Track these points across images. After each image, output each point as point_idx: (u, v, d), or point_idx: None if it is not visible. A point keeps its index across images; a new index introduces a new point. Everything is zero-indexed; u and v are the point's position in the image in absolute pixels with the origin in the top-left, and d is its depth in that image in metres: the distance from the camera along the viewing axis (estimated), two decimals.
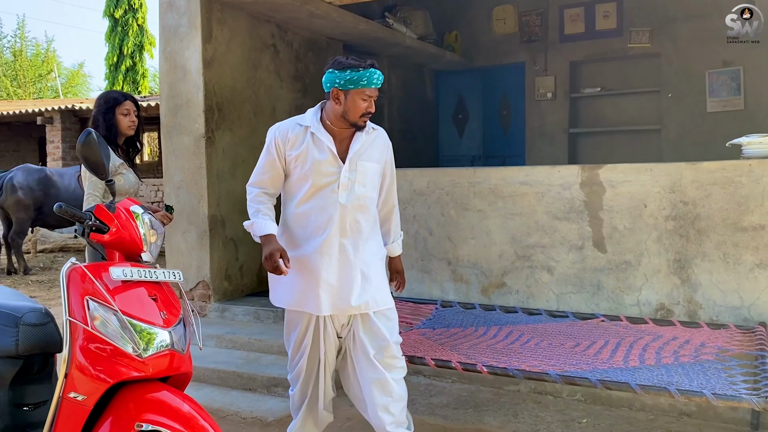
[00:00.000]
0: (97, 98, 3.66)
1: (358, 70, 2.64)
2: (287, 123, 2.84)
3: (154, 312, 2.41)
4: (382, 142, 2.89)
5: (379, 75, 2.70)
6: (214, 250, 5.14)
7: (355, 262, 2.79)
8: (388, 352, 2.81)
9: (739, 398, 2.54)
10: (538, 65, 8.21)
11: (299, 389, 2.98)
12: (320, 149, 2.74)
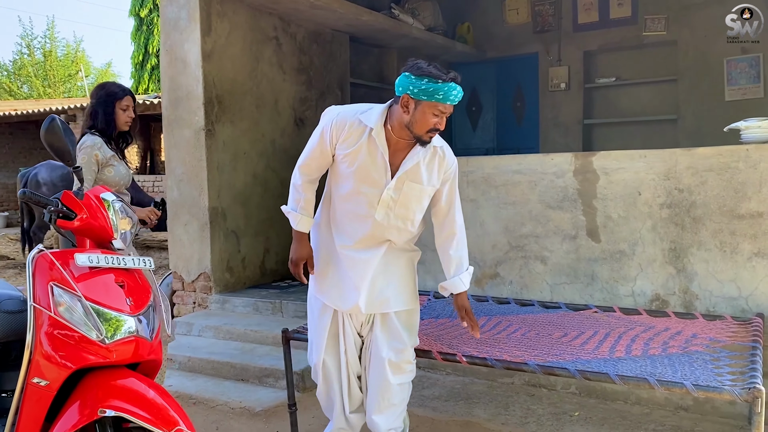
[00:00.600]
0: (95, 89, 3.62)
1: (437, 82, 2.36)
2: (348, 113, 2.55)
3: (119, 298, 2.41)
4: (442, 163, 2.60)
5: (459, 91, 2.41)
6: (215, 242, 5.15)
7: (379, 265, 2.71)
8: (403, 356, 2.77)
9: (720, 389, 2.44)
10: (552, 55, 8.07)
11: (322, 387, 2.92)
12: (373, 156, 2.52)
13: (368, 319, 2.82)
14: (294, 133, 5.96)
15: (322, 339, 2.88)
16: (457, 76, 2.42)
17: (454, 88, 2.39)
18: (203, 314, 5.05)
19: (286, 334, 3.35)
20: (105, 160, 3.42)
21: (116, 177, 3.50)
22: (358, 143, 2.52)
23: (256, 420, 3.61)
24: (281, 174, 5.80)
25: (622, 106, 7.85)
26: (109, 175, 3.46)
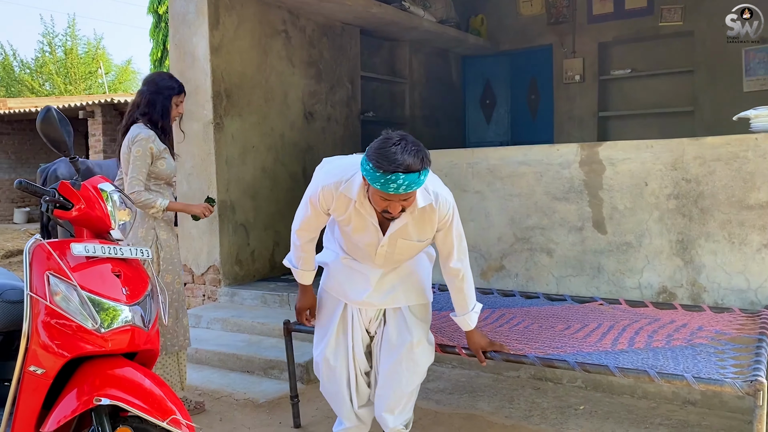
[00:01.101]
0: (154, 78, 3.64)
1: (377, 171, 2.20)
2: (332, 187, 2.49)
3: (115, 288, 2.42)
4: (433, 217, 2.50)
5: (401, 185, 2.19)
6: (224, 236, 5.18)
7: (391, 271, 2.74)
8: (415, 350, 2.73)
9: (721, 382, 2.39)
10: (566, 47, 7.97)
11: (327, 384, 2.91)
12: (363, 221, 2.53)
13: (377, 315, 2.82)
14: (303, 126, 5.96)
15: (328, 334, 2.88)
16: (410, 165, 2.18)
17: (395, 180, 2.18)
18: (212, 307, 5.08)
19: (287, 325, 3.36)
20: (158, 152, 3.45)
21: (168, 169, 3.53)
22: (347, 212, 2.52)
23: (259, 411, 3.61)
24: (290, 168, 5.81)
25: (637, 98, 7.74)
26: (162, 168, 3.49)
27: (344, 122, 6.46)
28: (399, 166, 2.17)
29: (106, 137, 12.45)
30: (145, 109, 3.46)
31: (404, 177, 2.18)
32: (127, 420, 2.30)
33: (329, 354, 2.86)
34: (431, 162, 2.28)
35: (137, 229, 3.41)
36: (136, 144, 3.36)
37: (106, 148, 12.45)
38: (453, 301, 2.74)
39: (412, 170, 2.19)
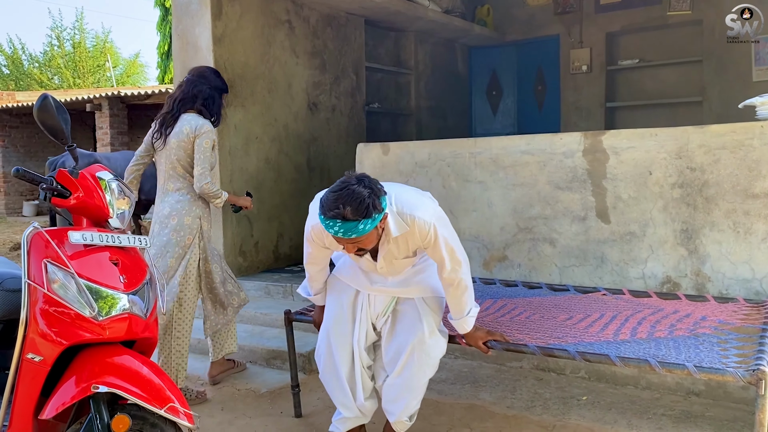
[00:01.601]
0: (207, 73, 3.75)
1: (320, 214, 2.37)
2: (319, 227, 2.55)
3: (113, 276, 2.42)
4: (411, 239, 2.56)
5: (338, 231, 2.32)
6: (228, 227, 5.17)
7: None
8: (427, 341, 2.72)
9: (723, 371, 2.36)
10: (573, 37, 7.91)
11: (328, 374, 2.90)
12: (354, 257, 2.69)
13: (386, 310, 2.82)
14: (307, 117, 5.94)
15: (334, 323, 2.88)
16: (345, 215, 2.30)
17: (332, 225, 2.33)
18: None
19: (288, 315, 3.35)
20: (215, 144, 3.66)
21: (215, 160, 3.72)
22: (339, 246, 2.55)
23: (261, 401, 3.61)
24: (294, 159, 5.80)
25: (645, 89, 7.67)
26: (214, 159, 3.69)
27: (349, 113, 6.43)
28: (336, 214, 2.30)
29: (114, 130, 12.49)
30: (203, 103, 3.59)
31: (341, 224, 2.31)
32: (125, 408, 2.30)
33: (332, 339, 2.86)
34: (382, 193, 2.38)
35: (183, 217, 3.56)
36: (203, 136, 3.49)
37: (113, 141, 12.49)
38: (449, 305, 2.73)
39: (348, 219, 2.30)
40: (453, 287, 2.64)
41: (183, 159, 3.55)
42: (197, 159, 3.50)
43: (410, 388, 2.75)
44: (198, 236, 3.59)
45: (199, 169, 3.50)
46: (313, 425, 3.29)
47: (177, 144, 3.53)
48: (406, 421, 2.81)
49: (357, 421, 2.93)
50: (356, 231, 2.32)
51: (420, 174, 4.14)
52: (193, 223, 3.56)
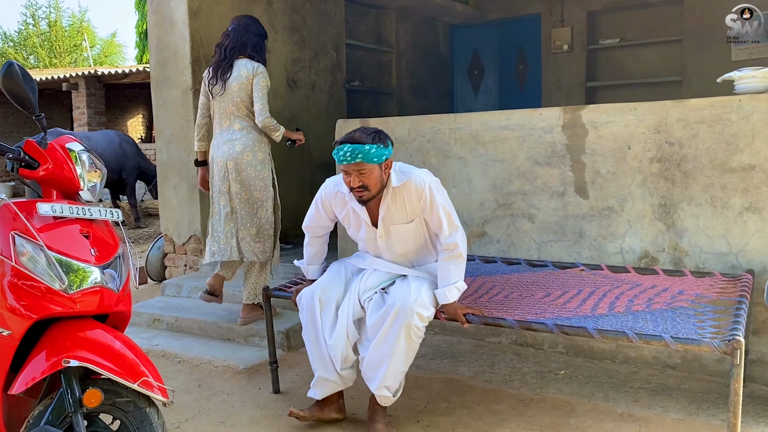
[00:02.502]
0: (252, 23, 4.06)
1: (335, 147, 2.70)
2: (332, 185, 2.94)
3: (84, 249, 2.37)
4: (408, 196, 2.76)
5: (345, 152, 2.62)
6: (205, 205, 5.07)
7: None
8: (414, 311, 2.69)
9: (699, 342, 2.37)
10: (555, 16, 7.89)
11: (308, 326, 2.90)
12: (356, 215, 2.90)
13: (376, 287, 2.85)
14: (287, 94, 5.87)
15: (324, 284, 2.93)
16: (357, 138, 2.65)
17: (342, 149, 2.64)
18: (193, 276, 5.03)
19: (267, 291, 3.31)
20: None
21: None
22: (345, 208, 2.92)
23: (238, 378, 3.59)
24: None
25: (626, 68, 7.69)
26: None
27: (329, 90, 6.36)
28: (348, 138, 2.67)
29: (91, 110, 12.28)
30: (253, 51, 3.98)
31: (350, 146, 2.62)
32: (97, 383, 2.27)
33: (318, 300, 2.87)
34: (389, 139, 2.74)
35: (257, 152, 3.95)
36: (260, 75, 3.89)
37: (90, 121, 12.28)
38: (438, 272, 2.80)
39: (358, 141, 2.63)
40: (448, 252, 2.76)
41: (245, 100, 3.91)
42: (256, 96, 3.87)
43: (393, 354, 2.70)
44: (272, 167, 4.03)
45: (259, 105, 3.87)
46: (291, 400, 3.27)
47: (238, 87, 3.89)
48: (388, 395, 2.76)
49: (335, 386, 2.90)
50: (363, 151, 2.60)
51: (400, 150, 4.10)
52: (266, 157, 3.99)
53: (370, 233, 2.90)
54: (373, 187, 2.70)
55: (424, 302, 2.74)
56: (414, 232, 2.88)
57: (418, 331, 2.72)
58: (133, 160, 8.82)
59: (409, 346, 2.74)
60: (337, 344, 2.83)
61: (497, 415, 3.02)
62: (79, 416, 2.18)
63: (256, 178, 3.92)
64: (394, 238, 2.87)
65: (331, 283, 2.94)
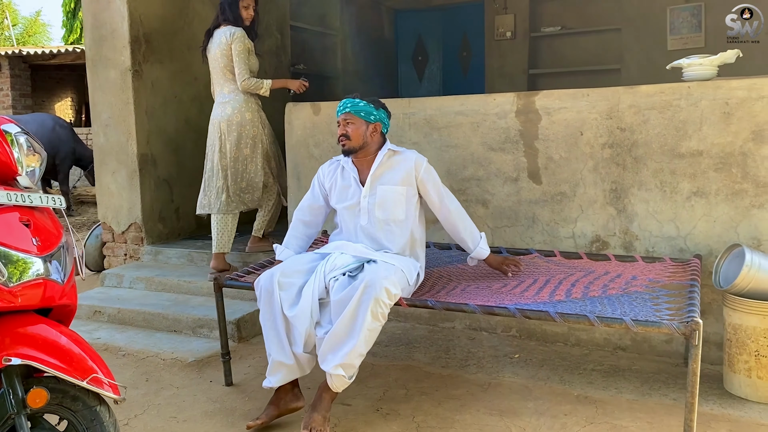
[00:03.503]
0: None
1: None
2: (327, 162, 3.18)
3: (24, 238, 2.20)
4: (407, 164, 2.97)
5: (341, 104, 2.97)
6: (146, 191, 4.90)
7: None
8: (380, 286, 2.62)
9: (659, 324, 2.41)
10: (498, 3, 7.91)
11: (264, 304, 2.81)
12: (345, 177, 3.05)
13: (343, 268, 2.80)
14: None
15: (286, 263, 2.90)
16: (354, 97, 3.00)
17: (342, 103, 2.98)
18: (134, 266, 4.82)
19: (218, 281, 3.19)
20: (251, 47, 4.26)
21: (256, 64, 4.32)
22: (334, 174, 3.09)
23: (188, 370, 3.46)
24: None
25: (567, 56, 7.79)
26: (253, 62, 4.27)
27: (273, 73, 6.19)
28: (352, 96, 3.01)
29: (15, 92, 11.62)
30: (222, 16, 4.21)
31: (347, 100, 2.98)
32: (41, 381, 2.12)
33: (279, 277, 2.79)
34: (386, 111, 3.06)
35: (245, 113, 4.23)
36: (236, 41, 4.13)
37: (15, 103, 11.62)
38: (463, 241, 3.08)
39: (355, 98, 2.98)
40: (461, 219, 3.05)
41: (228, 65, 4.18)
42: (235, 62, 4.13)
43: (358, 331, 2.60)
44: (261, 124, 4.28)
45: (237, 69, 4.14)
46: (245, 392, 3.17)
47: (220, 53, 4.18)
48: (343, 376, 2.63)
49: (291, 373, 2.76)
50: (354, 104, 2.94)
51: None
52: (254, 116, 4.25)
53: (356, 192, 3.00)
54: (355, 140, 2.93)
55: (393, 280, 2.70)
56: (400, 197, 2.96)
57: (385, 308, 2.65)
58: (67, 144, 8.37)
59: (373, 325, 2.64)
60: (301, 320, 2.71)
61: (456, 401, 3.01)
62: (22, 418, 2.03)
63: (246, 136, 4.23)
64: (378, 198, 2.95)
65: (292, 267, 2.86)
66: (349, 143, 2.94)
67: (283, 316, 2.77)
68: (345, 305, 2.66)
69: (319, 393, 2.72)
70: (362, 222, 2.98)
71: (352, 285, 2.68)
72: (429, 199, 3.03)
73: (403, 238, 2.99)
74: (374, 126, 2.97)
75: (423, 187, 3.00)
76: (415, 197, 3.00)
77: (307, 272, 2.87)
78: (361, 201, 2.98)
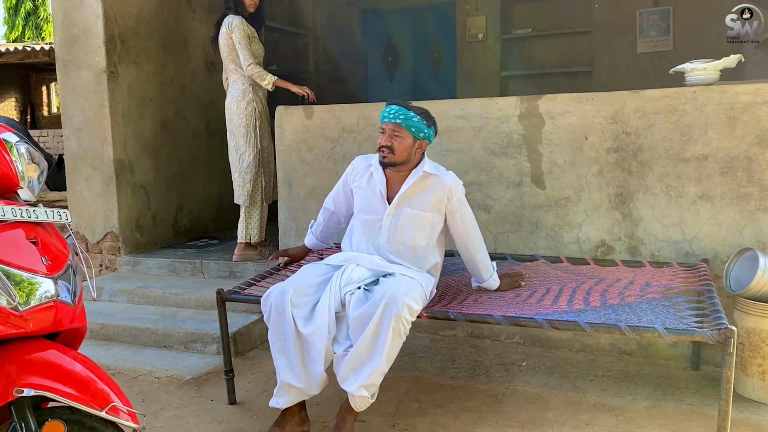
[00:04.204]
0: None
1: (386, 105, 2.80)
2: (363, 157, 3.03)
3: (34, 257, 2.02)
4: (441, 190, 2.81)
5: (391, 110, 2.75)
6: (122, 198, 4.66)
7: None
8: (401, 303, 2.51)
9: (691, 332, 2.39)
10: (469, 4, 7.88)
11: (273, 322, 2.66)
12: (372, 187, 2.88)
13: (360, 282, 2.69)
14: (205, 77, 5.48)
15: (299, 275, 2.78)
16: (402, 104, 2.78)
17: (388, 108, 2.77)
18: (112, 277, 4.59)
19: (221, 294, 3.04)
20: (252, 34, 4.29)
21: (260, 50, 4.36)
22: (362, 178, 2.92)
23: (186, 389, 3.28)
24: (192, 122, 5.34)
25: (538, 58, 7.82)
26: (255, 48, 4.29)
27: None
28: (399, 102, 2.80)
29: None
30: (226, 5, 4.28)
31: (398, 107, 2.75)
32: (55, 412, 1.95)
33: (291, 291, 2.64)
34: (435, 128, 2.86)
35: (239, 102, 4.26)
36: (235, 30, 4.16)
37: None
38: (478, 272, 2.98)
39: (406, 108, 2.76)
40: (480, 250, 2.93)
41: (230, 54, 4.25)
42: (238, 49, 4.16)
43: (381, 350, 2.51)
44: (255, 117, 4.28)
45: (241, 56, 4.16)
46: (251, 411, 3.02)
47: (223, 43, 4.26)
48: (366, 395, 2.55)
49: (300, 395, 2.64)
50: (406, 115, 2.73)
51: (348, 140, 3.91)
52: (249, 105, 4.25)
53: (379, 207, 2.85)
54: (399, 154, 2.74)
55: (414, 296, 2.61)
56: (425, 223, 2.83)
57: (407, 324, 2.56)
58: None
59: (395, 342, 2.56)
60: (319, 337, 2.59)
61: (473, 413, 2.94)
62: None
63: (240, 125, 4.26)
64: (402, 220, 2.81)
65: (304, 282, 2.73)
66: (392, 157, 2.74)
67: (295, 335, 2.64)
68: (365, 322, 2.56)
69: (341, 415, 2.62)
70: (381, 241, 2.85)
71: (372, 301, 2.58)
72: (454, 227, 2.90)
73: (420, 262, 2.88)
74: (420, 143, 2.78)
75: (451, 215, 2.86)
76: (441, 224, 2.88)
77: (320, 286, 2.75)
78: (383, 219, 2.84)
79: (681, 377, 3.24)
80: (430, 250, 2.90)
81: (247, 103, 4.25)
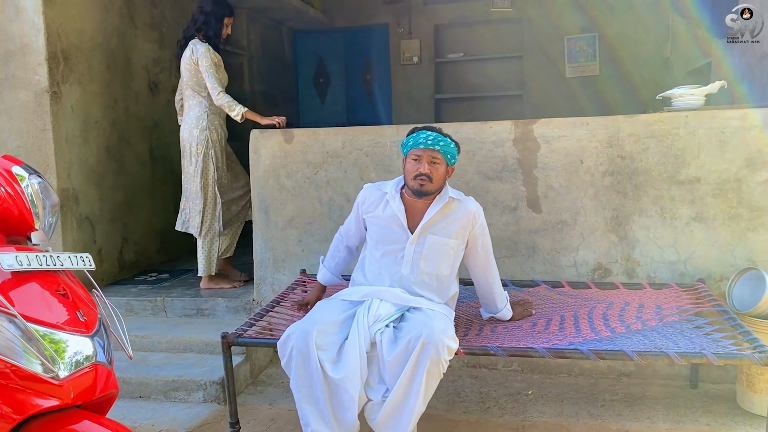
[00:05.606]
0: (205, 1, 4.13)
1: (411, 135, 2.68)
2: (374, 186, 2.86)
3: (68, 313, 1.72)
4: (465, 216, 2.72)
5: (428, 136, 2.61)
6: (68, 232, 4.19)
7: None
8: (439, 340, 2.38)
9: (740, 356, 2.40)
10: (403, 28, 7.91)
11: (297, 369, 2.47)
12: (387, 215, 2.74)
13: (387, 319, 2.55)
14: (148, 99, 5.09)
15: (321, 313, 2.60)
16: (437, 130, 2.67)
17: (422, 133, 2.64)
18: None
19: (227, 339, 2.75)
20: (219, 62, 4.11)
21: (225, 78, 4.15)
22: (377, 206, 2.77)
23: None
24: (136, 147, 4.93)
25: (471, 81, 7.94)
26: (221, 76, 4.10)
27: None
28: (429, 127, 2.71)
29: None
30: (201, 27, 4.08)
31: (434, 134, 2.63)
32: None
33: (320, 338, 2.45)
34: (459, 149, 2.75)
35: (192, 129, 4.07)
36: (201, 57, 3.97)
37: None
38: (492, 302, 2.91)
39: (441, 133, 2.65)
40: (496, 279, 2.88)
41: (190, 80, 4.08)
42: (206, 77, 3.97)
43: (418, 394, 2.38)
44: (207, 145, 4.06)
45: (209, 85, 3.97)
46: None
47: (184, 67, 4.09)
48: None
49: None
50: (445, 143, 2.62)
51: (332, 164, 3.72)
52: (202, 134, 4.05)
53: (400, 237, 2.71)
54: (436, 182, 2.63)
55: (450, 334, 2.50)
56: (449, 251, 2.72)
57: (445, 365, 2.44)
58: None
59: (431, 384, 2.44)
60: (352, 382, 2.41)
61: None
62: None
63: (192, 154, 4.08)
64: (426, 249, 2.69)
65: (326, 320, 2.54)
66: (430, 186, 2.62)
67: (323, 380, 2.44)
68: (401, 364, 2.42)
69: None
70: (404, 271, 2.71)
71: (407, 342, 2.42)
72: (474, 254, 2.81)
73: (443, 293, 2.77)
74: (450, 169, 2.71)
75: (473, 242, 2.78)
76: (463, 252, 2.80)
77: (344, 324, 2.57)
78: (406, 248, 2.70)
79: (685, 396, 3.28)
80: (452, 280, 2.80)
81: (200, 130, 4.07)
